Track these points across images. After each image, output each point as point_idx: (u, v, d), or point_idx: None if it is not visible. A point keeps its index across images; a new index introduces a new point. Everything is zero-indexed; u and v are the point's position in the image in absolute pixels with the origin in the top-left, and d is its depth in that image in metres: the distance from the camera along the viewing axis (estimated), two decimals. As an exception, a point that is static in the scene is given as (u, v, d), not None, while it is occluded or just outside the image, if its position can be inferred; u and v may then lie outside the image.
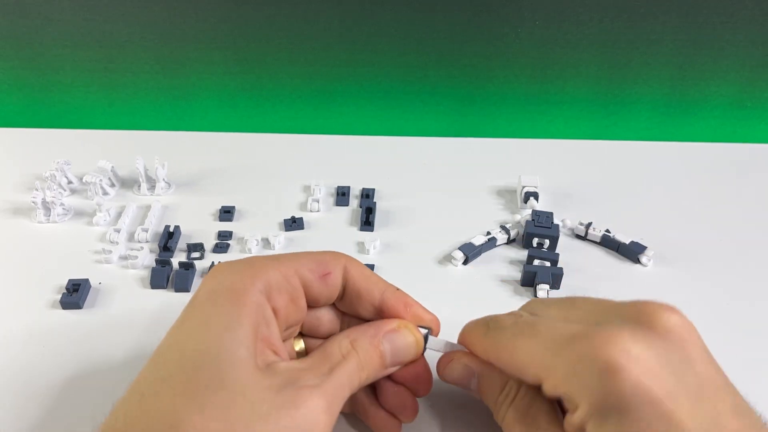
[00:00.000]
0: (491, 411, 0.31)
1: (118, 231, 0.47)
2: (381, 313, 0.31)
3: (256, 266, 0.29)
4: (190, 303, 0.28)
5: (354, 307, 0.32)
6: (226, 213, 0.50)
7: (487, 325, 0.30)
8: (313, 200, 0.51)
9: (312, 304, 0.31)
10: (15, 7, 0.56)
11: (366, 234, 0.48)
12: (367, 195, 0.52)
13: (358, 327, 0.31)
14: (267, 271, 0.28)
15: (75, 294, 0.41)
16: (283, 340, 0.30)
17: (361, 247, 0.46)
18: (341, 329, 0.33)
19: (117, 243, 0.46)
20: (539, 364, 0.26)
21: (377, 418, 0.32)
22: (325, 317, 0.33)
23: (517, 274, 0.44)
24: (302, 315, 0.31)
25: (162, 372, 0.26)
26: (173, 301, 0.42)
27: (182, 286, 0.42)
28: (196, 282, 0.43)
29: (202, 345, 0.26)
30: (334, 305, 0.33)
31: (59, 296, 0.41)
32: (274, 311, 0.28)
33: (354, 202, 0.52)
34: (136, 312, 0.41)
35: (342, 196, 0.52)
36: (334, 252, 0.31)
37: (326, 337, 0.32)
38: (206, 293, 0.28)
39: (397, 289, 0.32)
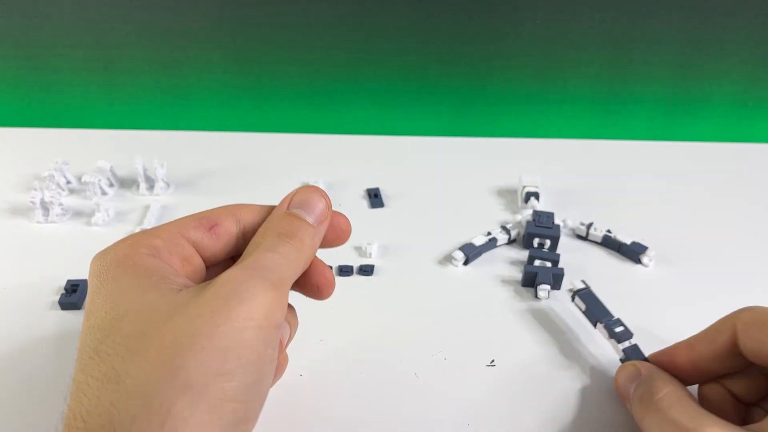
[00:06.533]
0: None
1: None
2: None
3: (135, 238, 0.28)
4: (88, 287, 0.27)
5: None
6: (226, 213, 0.49)
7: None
8: (313, 200, 0.50)
9: (210, 261, 0.30)
10: (14, 6, 0.56)
11: (364, 237, 0.46)
12: (375, 195, 0.52)
13: None
14: (147, 239, 0.27)
15: (74, 294, 0.41)
16: None
17: (360, 251, 0.46)
18: None
19: None
20: None
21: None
22: None
23: (517, 274, 0.44)
24: (201, 276, 0.29)
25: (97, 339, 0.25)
26: (172, 302, 0.41)
27: (181, 287, 0.42)
28: (195, 282, 0.43)
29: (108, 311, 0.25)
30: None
31: (58, 297, 0.41)
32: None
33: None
34: (134, 313, 0.41)
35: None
36: (224, 206, 0.30)
37: None
38: (92, 276, 0.27)
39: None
